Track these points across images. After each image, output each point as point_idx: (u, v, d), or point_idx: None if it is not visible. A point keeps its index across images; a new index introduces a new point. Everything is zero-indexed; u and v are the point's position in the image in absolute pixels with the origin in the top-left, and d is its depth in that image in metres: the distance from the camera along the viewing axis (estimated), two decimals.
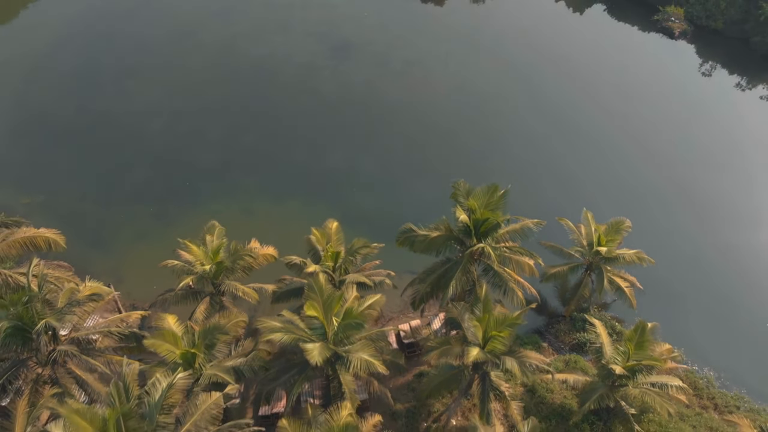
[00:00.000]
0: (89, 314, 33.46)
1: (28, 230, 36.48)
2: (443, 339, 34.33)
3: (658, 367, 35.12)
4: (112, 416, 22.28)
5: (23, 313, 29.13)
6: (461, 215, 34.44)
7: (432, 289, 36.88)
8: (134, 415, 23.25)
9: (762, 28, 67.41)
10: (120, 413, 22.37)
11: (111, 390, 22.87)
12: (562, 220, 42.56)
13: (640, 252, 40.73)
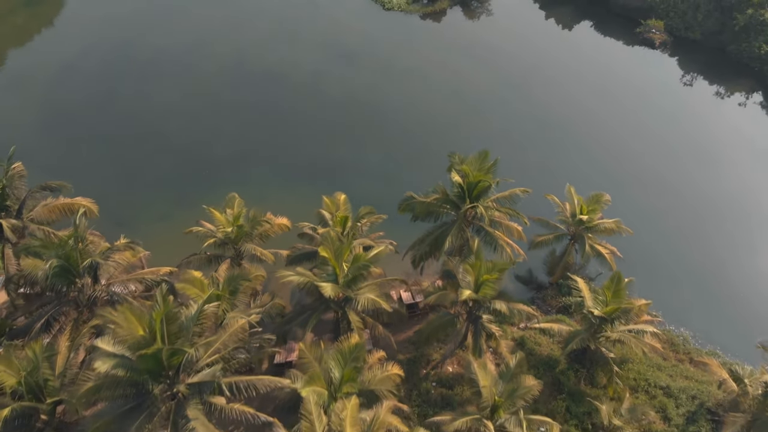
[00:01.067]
0: (123, 266, 37.40)
1: (65, 199, 41.01)
2: (440, 286, 38.36)
3: (635, 318, 39.14)
4: (158, 315, 26.22)
5: (70, 254, 33.19)
6: (456, 177, 38.81)
7: (430, 248, 41.02)
8: (176, 319, 27.19)
9: (737, 37, 72.77)
10: (164, 314, 26.31)
11: (156, 295, 26.74)
12: (549, 196, 46.76)
13: (618, 221, 44.98)
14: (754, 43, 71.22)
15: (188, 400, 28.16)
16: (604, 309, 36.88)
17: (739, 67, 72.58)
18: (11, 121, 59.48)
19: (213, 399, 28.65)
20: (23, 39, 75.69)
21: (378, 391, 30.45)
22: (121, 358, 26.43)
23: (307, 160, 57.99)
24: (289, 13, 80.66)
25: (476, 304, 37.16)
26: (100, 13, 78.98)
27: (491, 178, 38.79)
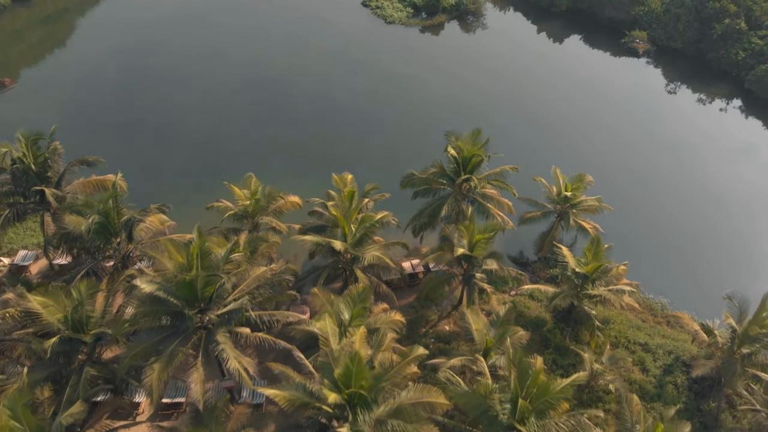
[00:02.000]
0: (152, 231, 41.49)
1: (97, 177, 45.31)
2: (438, 247, 42.53)
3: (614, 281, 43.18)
4: (195, 249, 30.45)
5: (109, 212, 37.48)
6: (452, 151, 43.30)
7: (429, 219, 45.28)
8: (209, 254, 31.39)
9: (715, 45, 77.98)
10: (200, 247, 30.52)
11: (194, 231, 30.95)
12: (537, 178, 51.08)
13: (600, 197, 49.26)
14: (731, 51, 76.33)
15: (217, 328, 32.22)
16: (585, 267, 40.99)
17: (718, 72, 77.64)
18: (47, 113, 63.93)
19: (239, 329, 32.74)
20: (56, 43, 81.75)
21: (382, 328, 34.37)
22: (162, 284, 30.52)
23: (315, 153, 62.46)
24: (299, 26, 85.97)
25: (470, 265, 41.29)
26: (130, 18, 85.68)
27: (483, 152, 43.25)
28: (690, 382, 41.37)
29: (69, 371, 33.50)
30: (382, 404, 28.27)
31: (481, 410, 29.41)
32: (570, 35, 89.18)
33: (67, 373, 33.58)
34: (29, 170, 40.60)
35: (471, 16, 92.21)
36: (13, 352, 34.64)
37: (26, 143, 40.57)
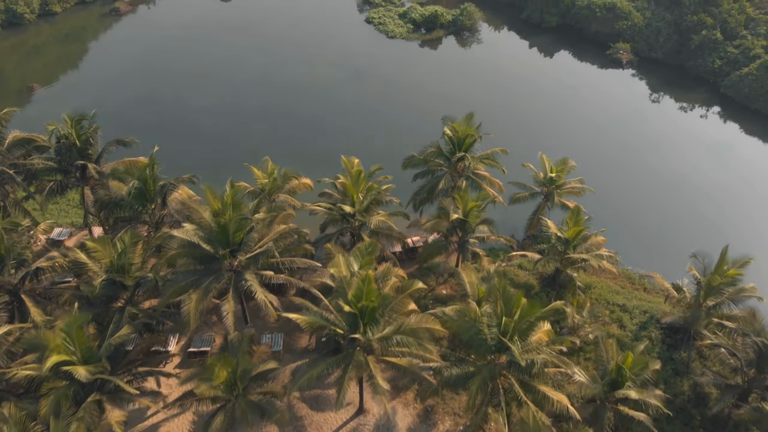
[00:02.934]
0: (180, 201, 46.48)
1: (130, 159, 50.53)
2: (436, 215, 47.56)
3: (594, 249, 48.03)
4: (229, 197, 35.55)
5: (147, 178, 42.62)
6: (448, 132, 48.65)
7: (428, 194, 50.41)
8: (240, 203, 36.46)
9: (693, 55, 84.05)
10: (232, 196, 35.62)
11: (226, 186, 36.05)
12: (527, 164, 56.28)
13: (582, 179, 54.43)
14: (708, 59, 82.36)
15: (245, 270, 37.14)
16: (567, 233, 45.97)
17: (696, 79, 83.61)
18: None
19: (264, 272, 37.66)
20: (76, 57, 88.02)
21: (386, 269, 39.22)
22: (198, 227, 35.56)
23: (322, 149, 67.82)
24: (307, 40, 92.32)
25: (464, 232, 46.30)
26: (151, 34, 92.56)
27: (476, 133, 48.63)
28: (663, 336, 45.95)
29: (111, 312, 38.19)
30: (387, 327, 33.12)
31: (473, 332, 34.05)
32: (559, 48, 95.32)
33: (110, 314, 38.27)
34: (73, 146, 45.85)
35: (467, 32, 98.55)
36: (60, 298, 39.43)
37: (71, 123, 45.89)
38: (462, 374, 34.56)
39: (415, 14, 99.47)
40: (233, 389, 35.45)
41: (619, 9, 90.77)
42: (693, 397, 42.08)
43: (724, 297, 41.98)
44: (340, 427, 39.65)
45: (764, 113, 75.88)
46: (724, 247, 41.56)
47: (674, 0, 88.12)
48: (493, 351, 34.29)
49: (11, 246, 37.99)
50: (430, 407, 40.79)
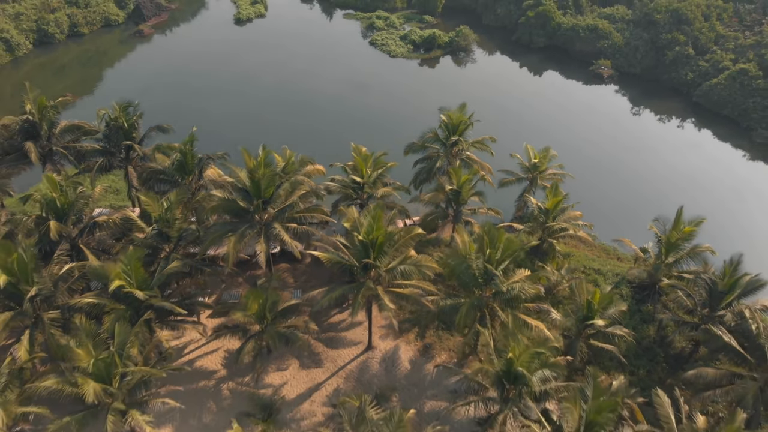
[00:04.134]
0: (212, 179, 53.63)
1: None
2: (434, 189, 54.62)
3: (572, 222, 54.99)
4: (262, 156, 42.73)
5: (187, 152, 49.78)
6: (444, 118, 56.14)
7: (426, 174, 57.60)
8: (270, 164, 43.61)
9: (668, 69, 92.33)
10: (265, 157, 42.80)
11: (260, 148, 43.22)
12: (514, 154, 63.57)
13: (562, 165, 61.68)
14: (681, 72, 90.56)
15: (273, 221, 44.13)
16: (547, 204, 53.04)
17: (671, 91, 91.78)
18: None
19: (289, 224, 44.64)
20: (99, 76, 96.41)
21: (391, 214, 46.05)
22: (237, 182, 42.70)
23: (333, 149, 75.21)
24: (316, 59, 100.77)
25: (458, 204, 53.31)
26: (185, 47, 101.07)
27: (468, 120, 56.12)
28: (633, 293, 52.56)
29: (158, 261, 44.92)
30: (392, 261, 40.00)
31: (463, 267, 40.82)
32: (546, 66, 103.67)
33: (157, 262, 44.97)
34: (121, 129, 53.19)
35: (462, 52, 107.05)
36: (113, 249, 46.17)
37: (120, 108, 53.35)
38: (454, 304, 41.23)
39: (414, 36, 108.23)
40: (263, 320, 42.06)
41: (601, 30, 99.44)
42: (657, 339, 48.58)
43: (682, 252, 48.70)
44: (351, 360, 46.07)
45: (732, 118, 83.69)
46: (680, 208, 48.48)
47: (650, 20, 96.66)
48: (480, 284, 41.03)
49: (74, 201, 45.02)
50: (429, 344, 47.25)
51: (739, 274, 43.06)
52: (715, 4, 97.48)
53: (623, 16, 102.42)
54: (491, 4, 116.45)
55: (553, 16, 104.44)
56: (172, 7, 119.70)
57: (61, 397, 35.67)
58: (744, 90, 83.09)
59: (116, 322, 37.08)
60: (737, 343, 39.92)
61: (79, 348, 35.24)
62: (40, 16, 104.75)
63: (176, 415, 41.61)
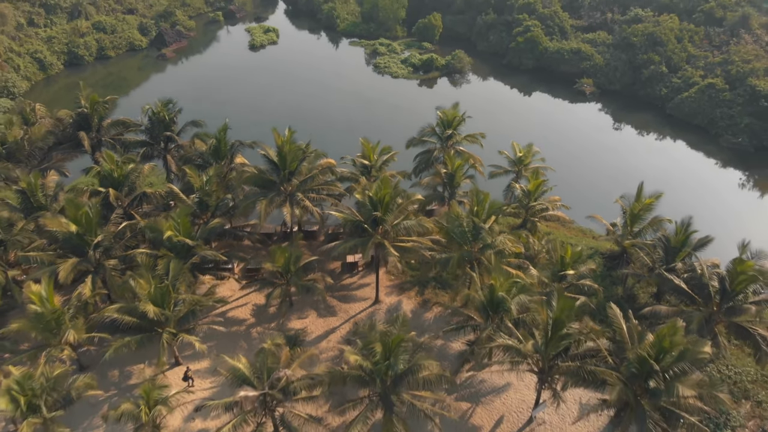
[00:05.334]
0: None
1: None
2: (432, 174, 62.88)
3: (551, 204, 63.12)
4: (289, 135, 51.17)
5: (222, 138, 58.24)
6: (440, 114, 64.88)
7: (425, 164, 65.97)
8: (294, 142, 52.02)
9: (644, 85, 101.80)
10: (290, 136, 51.26)
11: (286, 130, 51.72)
12: (502, 151, 72.08)
13: (544, 158, 70.14)
14: (656, 88, 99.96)
15: (296, 191, 52.36)
16: (529, 186, 61.28)
17: (647, 105, 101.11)
18: None
19: (310, 194, 52.86)
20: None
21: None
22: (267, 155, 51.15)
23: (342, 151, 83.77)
24: (324, 80, 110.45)
25: (452, 187, 61.52)
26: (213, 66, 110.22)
27: (462, 116, 64.86)
28: (605, 262, 60.34)
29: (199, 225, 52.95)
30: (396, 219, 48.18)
31: (455, 226, 48.85)
32: (534, 85, 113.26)
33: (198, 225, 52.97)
34: (162, 121, 61.86)
35: (457, 74, 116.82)
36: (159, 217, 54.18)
37: (161, 104, 62.12)
38: (448, 257, 49.13)
39: (414, 59, 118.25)
40: (287, 271, 49.93)
41: (584, 52, 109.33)
42: (625, 297, 56.23)
43: (645, 223, 56.70)
44: (361, 311, 53.69)
45: (702, 126, 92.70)
46: (640, 183, 56.68)
47: (628, 43, 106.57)
48: (469, 240, 48.98)
49: (127, 174, 53.35)
50: (427, 299, 54.90)
51: (689, 233, 51.02)
52: (687, 28, 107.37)
53: (604, 41, 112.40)
54: (484, 32, 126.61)
55: (541, 41, 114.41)
56: (191, 35, 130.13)
57: (120, 325, 43.46)
58: (712, 102, 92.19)
59: (169, 262, 45.06)
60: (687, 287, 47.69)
61: (141, 279, 43.15)
62: (71, 40, 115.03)
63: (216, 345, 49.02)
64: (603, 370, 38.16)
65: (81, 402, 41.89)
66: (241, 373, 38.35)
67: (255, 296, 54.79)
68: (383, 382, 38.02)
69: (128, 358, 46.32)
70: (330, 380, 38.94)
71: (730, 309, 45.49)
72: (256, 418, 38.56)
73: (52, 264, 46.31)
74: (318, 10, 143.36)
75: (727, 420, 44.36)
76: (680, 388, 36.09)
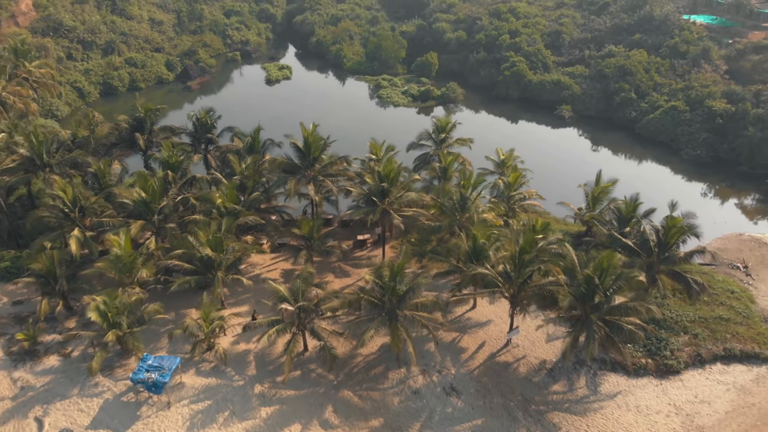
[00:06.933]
0: None
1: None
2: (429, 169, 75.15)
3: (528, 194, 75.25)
4: (314, 128, 63.72)
5: (257, 137, 70.80)
6: (435, 121, 77.77)
7: (423, 163, 78.32)
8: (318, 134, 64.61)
9: (616, 110, 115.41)
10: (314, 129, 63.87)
11: (311, 125, 64.33)
12: (489, 157, 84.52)
13: (523, 160, 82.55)
14: (626, 112, 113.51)
15: (319, 174, 64.63)
16: (509, 179, 73.46)
17: (619, 127, 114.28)
18: None
19: (330, 178, 65.12)
20: None
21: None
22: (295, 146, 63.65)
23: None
24: (333, 108, 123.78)
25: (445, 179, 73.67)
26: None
27: (453, 123, 77.73)
28: (574, 241, 71.95)
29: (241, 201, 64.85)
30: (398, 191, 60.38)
31: (446, 199, 60.86)
32: (520, 113, 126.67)
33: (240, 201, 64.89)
34: (204, 125, 74.57)
35: (451, 103, 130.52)
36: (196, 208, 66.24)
37: (204, 111, 74.98)
38: (439, 225, 61.02)
39: (413, 90, 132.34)
40: (311, 238, 61.73)
41: (563, 83, 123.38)
42: None
43: (604, 204, 68.74)
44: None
45: (665, 143, 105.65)
46: (599, 171, 69.06)
47: (602, 74, 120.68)
48: (457, 209, 60.89)
49: (182, 160, 65.68)
50: (425, 265, 66.35)
51: (636, 205, 62.89)
52: (654, 61, 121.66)
53: (582, 73, 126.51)
54: (476, 69, 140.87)
55: (525, 75, 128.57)
56: (212, 71, 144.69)
57: (181, 270, 55.02)
58: (674, 121, 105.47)
59: (222, 221, 56.99)
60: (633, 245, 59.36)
61: (200, 231, 54.99)
62: (106, 72, 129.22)
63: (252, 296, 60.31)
64: (558, 288, 49.69)
65: (150, 324, 53.24)
66: (281, 293, 49.84)
67: (283, 263, 66.35)
68: (390, 300, 49.42)
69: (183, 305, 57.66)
70: (350, 300, 50.41)
71: (666, 258, 57.15)
72: (293, 329, 49.82)
73: (122, 226, 57.99)
74: (326, 51, 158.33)
75: (666, 344, 55.46)
76: (616, 297, 47.65)
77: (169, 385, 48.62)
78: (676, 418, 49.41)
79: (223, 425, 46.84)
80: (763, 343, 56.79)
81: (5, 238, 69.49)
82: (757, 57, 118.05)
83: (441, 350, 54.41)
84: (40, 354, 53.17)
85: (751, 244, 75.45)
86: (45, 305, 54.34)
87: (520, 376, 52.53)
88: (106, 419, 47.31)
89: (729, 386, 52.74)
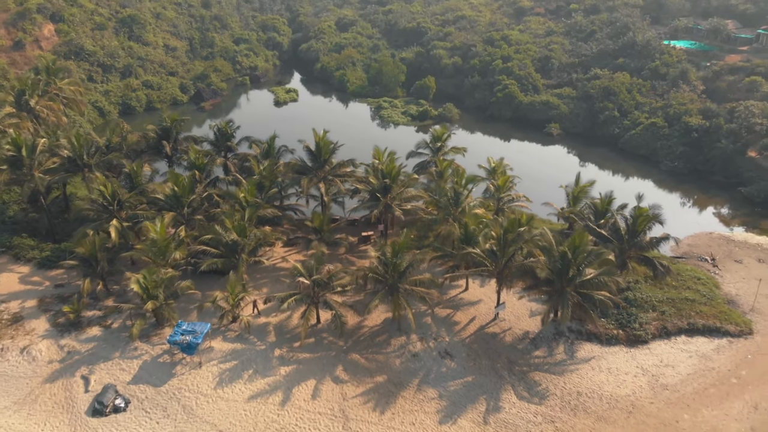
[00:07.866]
0: None
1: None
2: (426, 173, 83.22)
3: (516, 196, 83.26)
4: (324, 133, 71.98)
5: (272, 144, 79.02)
6: (432, 131, 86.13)
7: (422, 168, 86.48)
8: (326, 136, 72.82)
9: (602, 127, 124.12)
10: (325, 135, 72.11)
11: (321, 131, 72.59)
12: (482, 166, 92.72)
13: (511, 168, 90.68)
14: (610, 129, 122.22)
15: (329, 174, 72.67)
16: (499, 182, 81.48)
17: (603, 143, 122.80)
18: None
19: (338, 178, 73.16)
20: None
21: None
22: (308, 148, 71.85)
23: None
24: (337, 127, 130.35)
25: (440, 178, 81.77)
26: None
27: (449, 133, 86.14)
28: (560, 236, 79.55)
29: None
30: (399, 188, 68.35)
31: (441, 194, 68.76)
32: (511, 132, 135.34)
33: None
34: (225, 134, 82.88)
35: (448, 122, 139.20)
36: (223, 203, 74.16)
37: (224, 122, 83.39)
38: (435, 217, 68.89)
39: (412, 111, 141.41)
40: (321, 230, 69.50)
41: (552, 103, 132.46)
42: None
43: (583, 202, 76.66)
44: None
45: (646, 156, 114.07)
46: (578, 173, 77.14)
47: (588, 95, 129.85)
48: (451, 204, 68.78)
49: (206, 162, 73.79)
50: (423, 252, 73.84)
51: (610, 200, 70.78)
52: (636, 82, 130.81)
53: (569, 94, 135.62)
54: (471, 91, 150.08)
55: (517, 96, 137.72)
56: (224, 94, 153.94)
57: (209, 253, 62.70)
58: (654, 136, 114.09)
59: (245, 211, 64.84)
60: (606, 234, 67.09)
61: (227, 219, 62.83)
62: (124, 93, 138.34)
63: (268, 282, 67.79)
64: (536, 263, 57.37)
65: (180, 302, 60.72)
66: (297, 269, 57.49)
67: (295, 256, 73.91)
68: (392, 275, 57.03)
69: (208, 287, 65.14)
70: (357, 275, 58.05)
71: (635, 243, 64.92)
72: (308, 301, 57.33)
73: (155, 218, 65.74)
74: (331, 76, 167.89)
75: (636, 318, 62.83)
76: (587, 270, 55.30)
77: (200, 348, 55.90)
78: (643, 378, 56.58)
79: (248, 381, 54.03)
80: (725, 320, 64.14)
81: (44, 234, 77.07)
82: (732, 77, 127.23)
83: (436, 323, 61.79)
84: (84, 325, 60.49)
85: (719, 240, 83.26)
86: (87, 284, 61.81)
87: (506, 343, 59.87)
88: (145, 376, 54.48)
89: (692, 354, 59.97)
